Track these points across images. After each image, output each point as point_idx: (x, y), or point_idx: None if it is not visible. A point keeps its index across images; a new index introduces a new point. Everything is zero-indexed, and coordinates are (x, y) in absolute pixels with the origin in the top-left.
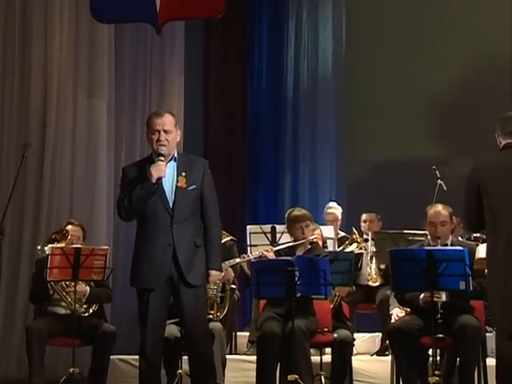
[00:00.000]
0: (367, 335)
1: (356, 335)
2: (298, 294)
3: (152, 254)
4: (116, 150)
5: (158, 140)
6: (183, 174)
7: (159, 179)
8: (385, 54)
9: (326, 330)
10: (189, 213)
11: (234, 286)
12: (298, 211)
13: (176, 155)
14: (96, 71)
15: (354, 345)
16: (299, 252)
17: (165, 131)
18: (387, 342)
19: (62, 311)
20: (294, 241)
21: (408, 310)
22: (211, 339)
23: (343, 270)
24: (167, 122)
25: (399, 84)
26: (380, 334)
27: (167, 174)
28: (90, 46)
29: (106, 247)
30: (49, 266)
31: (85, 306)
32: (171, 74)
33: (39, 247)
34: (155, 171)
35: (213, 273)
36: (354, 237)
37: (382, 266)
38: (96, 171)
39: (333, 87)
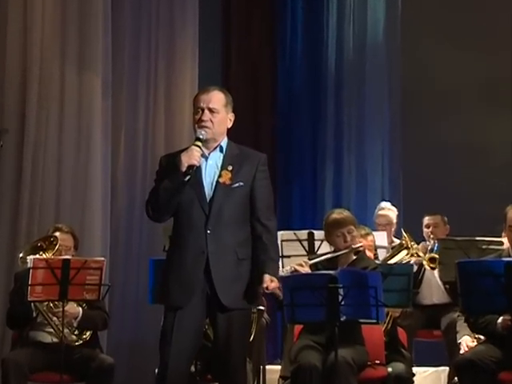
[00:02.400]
0: (430, 369)
1: (415, 369)
2: (343, 318)
3: (182, 263)
4: (114, 137)
5: (200, 119)
6: (229, 167)
7: (191, 168)
8: (451, 14)
9: (377, 362)
10: (231, 216)
11: (261, 308)
12: (337, 214)
13: (224, 144)
14: (88, 39)
15: (413, 381)
16: (342, 264)
17: (210, 109)
18: (455, 378)
19: (47, 339)
20: (335, 251)
21: (482, 337)
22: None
23: (399, 288)
24: (215, 99)
25: (472, 53)
26: (446, 369)
27: (209, 165)
28: (79, 7)
29: (102, 259)
30: (30, 282)
31: (76, 333)
32: (182, 41)
33: (21, 255)
34: (185, 157)
35: (267, 277)
36: (404, 241)
37: None
38: (89, 164)
39: (385, 57)
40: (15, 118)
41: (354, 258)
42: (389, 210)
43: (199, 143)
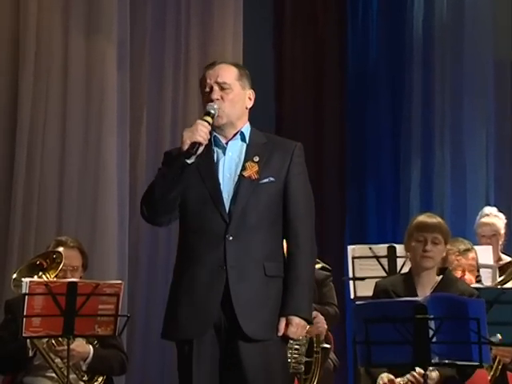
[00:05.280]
0: None
1: None
2: (435, 359)
3: (194, 283)
4: (133, 123)
5: (209, 99)
6: (256, 158)
7: (194, 146)
8: None
9: None
10: (258, 220)
11: (327, 346)
12: (428, 217)
13: (246, 131)
14: None
15: None
16: (423, 288)
17: (219, 85)
18: None
19: None
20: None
21: None
22: None
23: (510, 320)
24: (224, 73)
25: None
26: None
27: (229, 158)
28: None
29: (119, 282)
30: (25, 312)
31: (85, 378)
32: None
33: (14, 276)
34: (188, 132)
35: (295, 321)
36: None
37: None
38: (100, 159)
39: (491, 16)
40: (5, 97)
41: (439, 278)
42: (495, 218)
43: (209, 118)
